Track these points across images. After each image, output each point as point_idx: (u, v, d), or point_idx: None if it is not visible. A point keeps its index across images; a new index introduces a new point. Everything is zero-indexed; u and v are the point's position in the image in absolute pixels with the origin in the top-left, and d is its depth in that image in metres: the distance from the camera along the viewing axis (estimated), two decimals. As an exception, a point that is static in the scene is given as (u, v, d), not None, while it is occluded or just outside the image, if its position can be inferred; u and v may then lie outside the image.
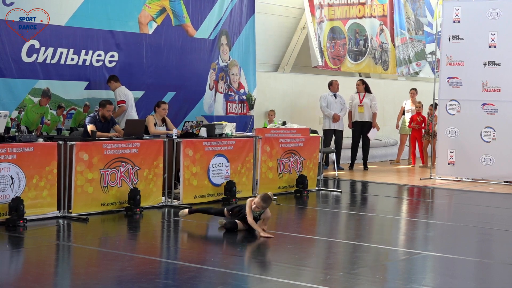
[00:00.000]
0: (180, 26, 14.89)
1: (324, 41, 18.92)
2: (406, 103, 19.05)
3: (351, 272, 7.89)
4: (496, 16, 15.24)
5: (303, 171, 13.56)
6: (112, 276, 7.44)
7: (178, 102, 14.81)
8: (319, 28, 18.77)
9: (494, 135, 15.24)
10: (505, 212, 12.43)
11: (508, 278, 7.88)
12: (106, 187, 10.78)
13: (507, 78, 15.06)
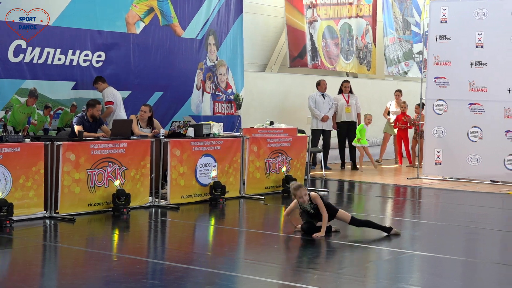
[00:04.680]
0: (167, 26, 14.86)
1: (319, 41, 18.94)
2: (391, 103, 19.06)
3: (338, 271, 7.90)
4: (483, 16, 15.29)
5: (290, 171, 13.56)
6: (99, 276, 7.43)
7: (165, 102, 14.79)
8: (312, 28, 18.79)
9: (480, 134, 15.28)
10: (492, 211, 12.47)
11: (494, 277, 7.91)
12: (93, 187, 10.76)
13: (494, 78, 15.11)
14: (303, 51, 18.50)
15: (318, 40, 18.91)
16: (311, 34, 18.76)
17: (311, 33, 18.77)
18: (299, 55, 18.40)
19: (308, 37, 18.64)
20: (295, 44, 18.37)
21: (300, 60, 18.42)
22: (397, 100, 18.81)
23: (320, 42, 19.00)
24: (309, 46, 18.71)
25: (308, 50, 18.65)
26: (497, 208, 12.81)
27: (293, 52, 18.32)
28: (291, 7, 18.24)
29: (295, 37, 18.34)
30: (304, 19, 18.54)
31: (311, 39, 18.75)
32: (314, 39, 18.82)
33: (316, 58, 18.91)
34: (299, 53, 18.41)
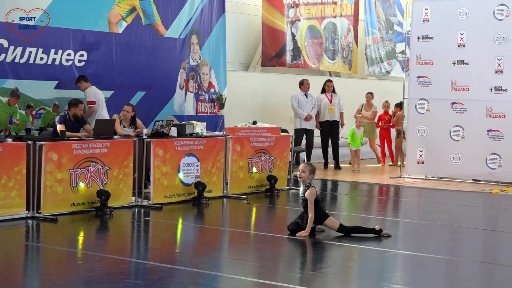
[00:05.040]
0: (150, 25, 14.84)
1: (301, 40, 18.95)
2: (362, 106, 18.87)
3: (321, 270, 7.91)
4: (465, 15, 15.35)
5: (273, 170, 13.57)
6: (82, 277, 7.40)
7: (148, 102, 14.76)
8: (295, 27, 18.80)
9: (463, 134, 15.34)
10: (474, 210, 12.52)
11: (477, 276, 7.94)
12: (76, 187, 10.72)
13: (476, 77, 15.17)
14: (282, 50, 18.51)
15: (301, 40, 18.93)
16: (294, 33, 18.77)
17: (294, 32, 18.78)
18: (277, 55, 18.42)
19: (290, 37, 18.65)
20: (273, 43, 18.38)
21: (278, 59, 18.44)
22: (368, 102, 18.68)
23: (303, 41, 19.02)
24: (291, 45, 18.72)
25: (289, 50, 18.66)
26: (479, 207, 12.87)
27: (271, 52, 18.33)
28: (270, 6, 18.24)
29: (273, 36, 18.35)
30: (284, 19, 18.53)
31: (293, 39, 18.76)
32: (296, 39, 18.83)
33: (298, 57, 18.92)
34: (277, 52, 18.42)
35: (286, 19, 18.59)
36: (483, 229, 10.84)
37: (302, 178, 9.56)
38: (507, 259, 8.75)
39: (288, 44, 18.64)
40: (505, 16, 14.95)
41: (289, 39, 18.67)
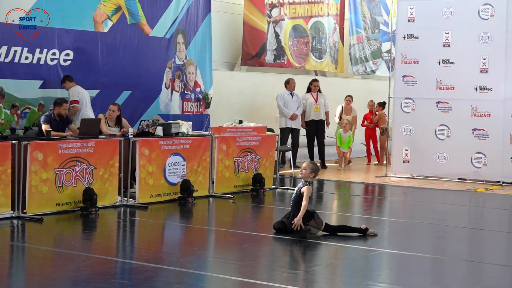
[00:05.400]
0: (135, 24, 14.82)
1: (285, 40, 18.95)
2: (342, 108, 18.71)
3: (307, 269, 7.92)
4: (450, 15, 15.40)
5: (259, 169, 13.57)
6: (67, 277, 7.38)
7: (134, 101, 14.74)
8: (278, 27, 18.80)
9: (448, 133, 15.39)
10: (459, 209, 12.57)
11: (462, 274, 7.97)
12: (61, 187, 10.68)
13: (461, 77, 15.22)
14: (262, 49, 18.52)
15: (285, 39, 18.93)
16: (277, 33, 18.77)
17: (277, 32, 18.77)
18: (257, 54, 18.44)
19: (273, 36, 18.64)
20: (254, 43, 18.39)
21: (258, 59, 18.46)
22: (347, 105, 18.52)
23: (287, 41, 19.02)
24: (274, 45, 18.72)
25: (270, 49, 18.64)
26: (464, 206, 12.91)
27: (251, 51, 18.33)
28: (252, 5, 18.24)
29: (254, 36, 18.36)
30: (264, 19, 18.52)
31: (277, 38, 18.76)
32: (280, 38, 18.83)
33: (282, 57, 18.92)
34: (257, 52, 18.43)
35: (267, 18, 18.58)
36: (468, 227, 10.89)
37: (303, 175, 9.59)
38: (492, 258, 8.78)
39: (269, 44, 18.63)
40: (490, 16, 15.00)
41: (272, 38, 18.66)
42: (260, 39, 18.52)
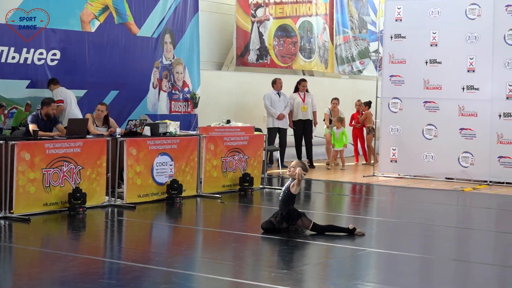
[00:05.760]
0: (123, 24, 14.79)
1: (270, 39, 18.95)
2: (330, 112, 18.62)
3: (295, 269, 7.92)
4: (437, 15, 15.44)
5: (247, 169, 13.57)
6: (55, 277, 7.36)
7: (121, 101, 14.71)
8: (263, 27, 18.80)
9: (435, 132, 15.42)
10: (447, 208, 12.60)
11: (449, 273, 7.99)
12: (49, 187, 10.65)
13: (448, 76, 15.26)
14: (245, 49, 18.54)
15: (269, 39, 18.91)
16: (261, 33, 18.77)
17: (261, 32, 18.77)
18: (241, 54, 18.46)
19: (256, 36, 18.64)
20: (240, 43, 18.43)
21: (242, 58, 18.48)
22: (334, 108, 18.41)
23: (272, 41, 19.01)
24: (257, 45, 18.72)
25: (253, 49, 18.64)
26: (452, 205, 12.94)
27: (237, 51, 18.35)
28: (239, 6, 18.26)
29: (239, 35, 18.40)
30: (249, 19, 18.53)
31: (260, 38, 18.76)
32: (264, 38, 18.82)
33: (265, 56, 18.92)
34: (242, 52, 18.45)
35: (252, 18, 18.58)
36: (455, 227, 10.92)
37: (291, 172, 9.62)
38: (479, 257, 8.81)
39: (253, 43, 18.63)
40: (477, 16, 15.04)
41: (256, 38, 18.66)
42: (245, 39, 18.54)
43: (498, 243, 9.85)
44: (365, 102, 18.63)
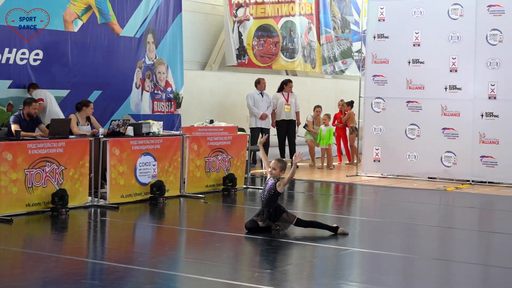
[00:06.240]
0: (106, 24, 14.75)
1: (249, 39, 18.94)
2: (313, 120, 18.59)
3: (278, 269, 7.93)
4: (420, 15, 15.49)
5: (230, 169, 13.57)
6: (37, 278, 7.33)
7: (104, 101, 14.67)
8: (242, 27, 18.79)
9: (418, 132, 15.47)
10: (429, 207, 12.64)
11: (432, 272, 8.01)
12: (31, 188, 10.61)
13: (431, 76, 15.32)
14: None
15: (248, 39, 18.90)
16: (241, 33, 18.76)
17: (241, 31, 18.77)
18: None
19: (236, 36, 18.63)
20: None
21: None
22: (317, 116, 18.27)
23: (251, 41, 19.00)
24: (237, 44, 18.72)
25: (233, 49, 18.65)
26: (434, 205, 12.99)
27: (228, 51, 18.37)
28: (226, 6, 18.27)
29: None
30: (231, 19, 18.51)
31: (239, 38, 18.75)
32: (243, 38, 18.82)
33: (243, 56, 18.91)
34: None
35: (234, 18, 18.58)
36: (438, 226, 10.97)
37: (273, 175, 9.68)
38: (461, 256, 8.85)
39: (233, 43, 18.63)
40: (459, 16, 15.11)
41: (235, 38, 18.66)
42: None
43: (481, 243, 9.89)
44: (347, 102, 18.68)
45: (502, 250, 9.26)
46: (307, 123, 18.25)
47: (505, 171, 14.72)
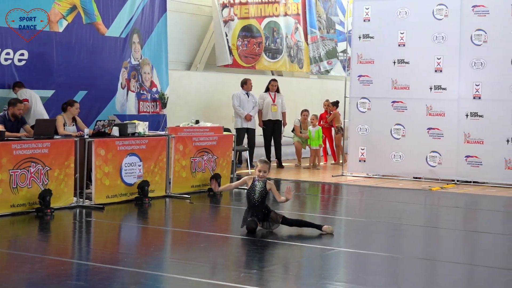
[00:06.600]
0: (91, 24, 14.71)
1: (233, 40, 18.94)
2: (300, 124, 18.54)
3: (264, 269, 7.93)
4: (405, 15, 15.53)
5: (216, 169, 13.56)
6: (22, 279, 7.30)
7: (89, 101, 14.63)
8: (227, 27, 18.79)
9: (403, 132, 15.51)
10: (415, 207, 12.67)
11: (417, 272, 8.03)
12: (16, 188, 10.57)
13: (416, 76, 15.36)
14: None
15: (232, 39, 18.90)
16: (226, 33, 18.76)
17: (226, 32, 18.77)
18: None
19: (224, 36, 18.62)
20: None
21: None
22: (304, 120, 18.26)
23: (235, 41, 19.00)
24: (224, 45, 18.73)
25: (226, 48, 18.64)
26: (419, 204, 13.02)
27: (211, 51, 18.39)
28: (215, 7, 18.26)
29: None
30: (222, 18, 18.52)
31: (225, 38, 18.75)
32: (228, 38, 18.82)
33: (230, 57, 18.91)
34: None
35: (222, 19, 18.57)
36: (423, 226, 11.00)
37: (263, 177, 9.71)
38: (447, 256, 8.87)
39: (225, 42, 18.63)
40: (444, 16, 15.16)
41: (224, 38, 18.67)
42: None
43: (466, 242, 9.92)
44: (332, 102, 18.71)
45: (487, 250, 9.30)
46: (295, 127, 18.25)
47: (490, 171, 14.77)
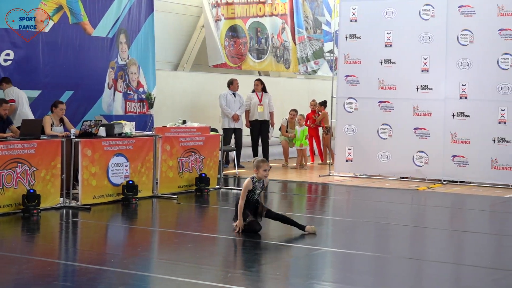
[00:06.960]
0: (77, 24, 14.67)
1: (221, 40, 18.95)
2: (287, 123, 18.55)
3: (251, 269, 7.93)
4: (391, 15, 15.56)
5: (203, 169, 13.55)
6: (9, 280, 7.28)
7: (76, 101, 14.59)
8: (215, 27, 18.79)
9: (390, 132, 15.54)
10: (401, 207, 12.70)
11: (404, 272, 8.06)
12: (2, 189, 10.53)
13: (402, 76, 15.39)
14: None
15: (221, 40, 18.91)
16: None
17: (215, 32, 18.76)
18: None
19: None
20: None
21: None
22: (292, 119, 18.28)
23: (223, 41, 19.01)
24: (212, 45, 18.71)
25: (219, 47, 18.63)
26: (406, 204, 13.05)
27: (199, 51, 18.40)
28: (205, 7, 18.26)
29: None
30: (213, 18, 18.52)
31: None
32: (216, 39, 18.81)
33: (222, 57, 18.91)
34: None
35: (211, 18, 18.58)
36: (410, 225, 11.02)
37: (266, 174, 9.81)
38: (433, 255, 8.89)
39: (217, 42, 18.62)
40: (431, 16, 15.20)
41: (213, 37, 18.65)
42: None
43: (452, 242, 9.95)
44: (320, 102, 18.72)
45: (474, 249, 9.33)
46: (281, 126, 18.27)
47: (476, 170, 14.82)
